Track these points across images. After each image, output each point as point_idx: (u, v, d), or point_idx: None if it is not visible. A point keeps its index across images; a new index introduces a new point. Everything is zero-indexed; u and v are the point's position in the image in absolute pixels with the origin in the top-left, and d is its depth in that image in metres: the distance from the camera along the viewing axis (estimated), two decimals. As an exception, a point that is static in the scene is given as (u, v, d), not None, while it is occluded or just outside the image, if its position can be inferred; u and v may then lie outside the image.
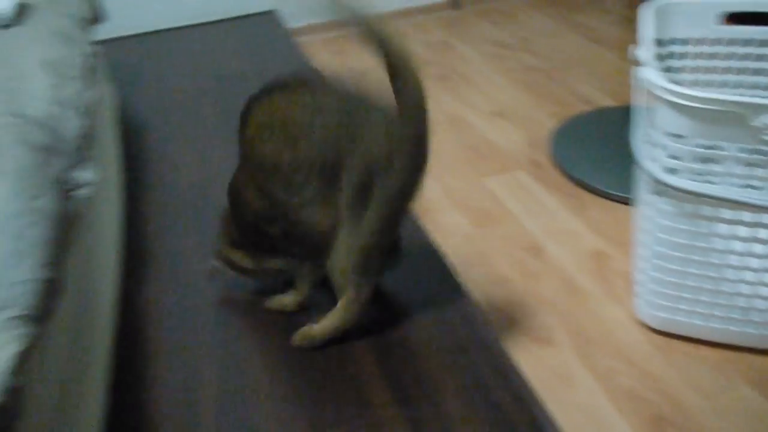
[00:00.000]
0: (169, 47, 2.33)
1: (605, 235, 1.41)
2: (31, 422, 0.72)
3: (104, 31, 2.24)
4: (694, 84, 1.25)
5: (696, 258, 1.02)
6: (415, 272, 1.19)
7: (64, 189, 0.97)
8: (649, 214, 1.05)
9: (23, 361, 0.65)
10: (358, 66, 2.39)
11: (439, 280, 1.16)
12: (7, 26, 1.37)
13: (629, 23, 2.56)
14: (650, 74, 0.97)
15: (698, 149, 0.94)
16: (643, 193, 1.10)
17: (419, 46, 2.53)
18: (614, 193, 1.50)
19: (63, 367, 0.85)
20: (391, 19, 0.81)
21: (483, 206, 1.54)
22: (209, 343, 1.07)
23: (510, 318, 1.21)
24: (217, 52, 2.24)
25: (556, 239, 1.41)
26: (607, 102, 1.96)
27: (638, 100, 1.11)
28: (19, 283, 0.72)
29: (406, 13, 2.79)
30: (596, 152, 1.67)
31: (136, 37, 2.43)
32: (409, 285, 1.16)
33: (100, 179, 1.33)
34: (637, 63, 1.05)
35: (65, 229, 0.90)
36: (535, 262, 1.35)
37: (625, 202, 1.49)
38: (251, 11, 2.52)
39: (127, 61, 2.23)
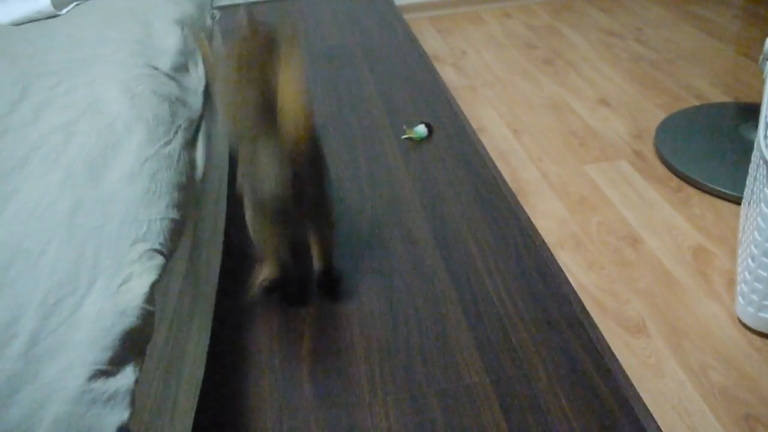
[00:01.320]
0: (280, 17, 2.40)
1: (708, 231, 1.37)
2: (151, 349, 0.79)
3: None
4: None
5: (808, 260, 0.99)
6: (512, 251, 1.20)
7: (190, 137, 1.04)
8: (764, 211, 1.02)
9: (155, 290, 0.71)
10: (459, 44, 2.39)
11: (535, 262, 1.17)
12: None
13: (751, 18, 2.43)
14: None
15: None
16: (759, 189, 1.07)
17: (524, 29, 2.50)
18: (720, 189, 1.46)
19: (178, 301, 0.92)
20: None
21: (581, 192, 1.52)
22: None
23: (602, 304, 1.20)
24: (325, 24, 2.29)
25: (655, 231, 1.38)
26: (720, 97, 1.89)
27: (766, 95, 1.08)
28: (154, 220, 0.78)
29: (514, -4, 2.76)
30: (704, 147, 1.62)
31: (249, 5, 2.52)
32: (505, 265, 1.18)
33: (213, 133, 1.40)
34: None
35: (189, 175, 0.97)
36: (631, 252, 1.33)
37: (731, 199, 1.44)
38: (361, -15, 2.57)
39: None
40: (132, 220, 0.76)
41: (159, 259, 0.74)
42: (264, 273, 1.11)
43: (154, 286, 0.70)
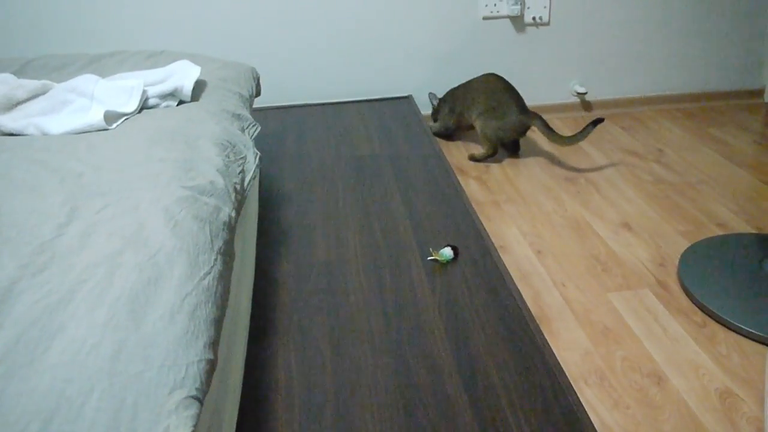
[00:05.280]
0: (311, 121, 2.48)
1: (734, 373, 1.36)
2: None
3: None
4: None
5: (842, 425, 0.97)
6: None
7: (225, 263, 1.06)
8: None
9: (190, 440, 0.71)
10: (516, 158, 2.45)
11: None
12: (187, 102, 1.53)
13: (770, 144, 2.49)
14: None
15: None
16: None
17: (547, 144, 2.56)
18: (747, 329, 1.45)
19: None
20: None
21: (605, 323, 1.52)
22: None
23: (628, 450, 1.18)
24: (355, 133, 2.37)
25: (680, 370, 1.37)
26: (742, 227, 1.90)
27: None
28: (192, 363, 0.79)
29: (536, 110, 2.83)
30: (728, 282, 1.62)
31: (282, 108, 2.61)
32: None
33: (242, 249, 1.43)
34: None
35: (224, 307, 0.98)
36: (657, 392, 1.31)
37: (758, 339, 1.44)
38: (390, 95, 2.66)
39: (271, 131, 2.39)
40: (171, 365, 0.77)
41: (195, 408, 0.74)
42: (487, 153, 2.42)
43: (190, 438, 0.70)
